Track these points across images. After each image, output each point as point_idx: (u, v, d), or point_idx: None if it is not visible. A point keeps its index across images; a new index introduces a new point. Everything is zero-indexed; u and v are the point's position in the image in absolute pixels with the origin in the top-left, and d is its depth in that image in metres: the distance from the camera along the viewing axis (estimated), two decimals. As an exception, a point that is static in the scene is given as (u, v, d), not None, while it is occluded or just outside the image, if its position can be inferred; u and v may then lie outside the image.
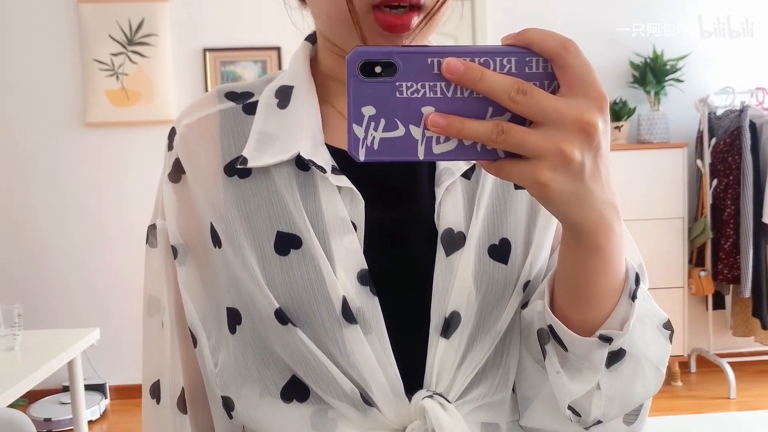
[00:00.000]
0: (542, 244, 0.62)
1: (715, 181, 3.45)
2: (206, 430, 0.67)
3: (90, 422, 3.26)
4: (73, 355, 2.15)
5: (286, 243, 0.58)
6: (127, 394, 3.59)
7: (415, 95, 0.43)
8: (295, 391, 0.59)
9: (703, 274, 3.41)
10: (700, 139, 3.53)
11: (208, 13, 3.52)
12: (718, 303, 3.60)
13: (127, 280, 3.49)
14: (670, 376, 3.54)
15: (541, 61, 0.43)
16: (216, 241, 0.61)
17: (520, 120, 0.43)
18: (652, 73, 3.50)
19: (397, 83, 0.43)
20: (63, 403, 3.29)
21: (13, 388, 1.79)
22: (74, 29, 3.47)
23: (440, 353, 0.58)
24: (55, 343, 2.16)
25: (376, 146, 0.43)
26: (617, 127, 3.53)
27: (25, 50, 3.47)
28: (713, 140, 3.45)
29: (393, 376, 0.57)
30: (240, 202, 0.60)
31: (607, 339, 0.52)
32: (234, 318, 0.61)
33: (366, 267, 0.58)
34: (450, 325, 0.58)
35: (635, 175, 3.40)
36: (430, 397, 0.57)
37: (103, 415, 3.44)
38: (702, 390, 3.45)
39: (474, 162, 0.62)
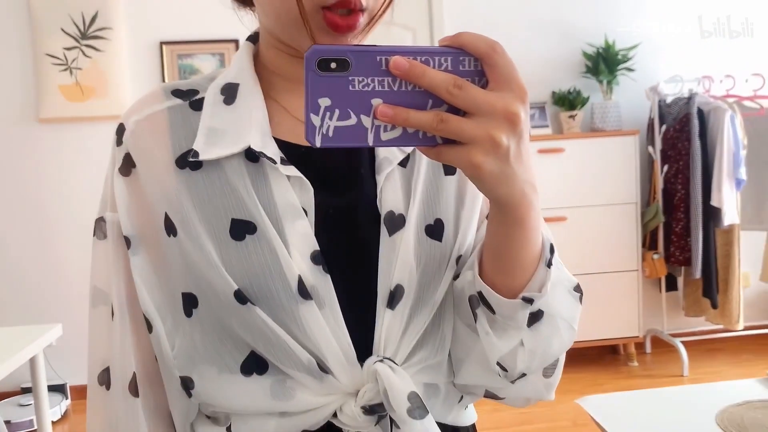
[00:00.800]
0: (470, 222, 0.70)
1: (666, 167, 3.56)
2: (158, 412, 0.70)
3: (52, 423, 3.21)
4: (35, 351, 2.11)
5: (242, 229, 0.63)
6: (88, 393, 3.54)
7: (366, 89, 0.48)
8: (255, 364, 0.64)
9: (656, 257, 3.53)
10: (651, 126, 3.65)
11: (163, 6, 3.48)
12: (671, 285, 3.73)
13: (85, 276, 3.44)
14: (626, 357, 3.66)
15: (472, 60, 0.50)
16: (170, 230, 0.65)
17: (455, 111, 0.49)
18: (605, 63, 3.60)
19: (350, 78, 0.48)
20: (22, 405, 3.23)
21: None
22: (25, 23, 3.39)
23: (387, 323, 0.64)
24: (16, 340, 2.12)
25: (330, 134, 0.48)
26: (572, 116, 3.62)
27: (-26, 45, 3.38)
28: (663, 127, 3.56)
29: (346, 346, 0.63)
30: (193, 192, 0.64)
31: (528, 300, 0.60)
32: (190, 302, 0.65)
33: (318, 248, 0.63)
34: (395, 297, 0.64)
35: (589, 162, 3.49)
36: (381, 361, 0.63)
37: (64, 416, 3.39)
38: (657, 369, 3.57)
39: (408, 153, 0.69)
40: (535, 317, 0.62)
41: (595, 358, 3.68)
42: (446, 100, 0.48)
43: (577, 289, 0.67)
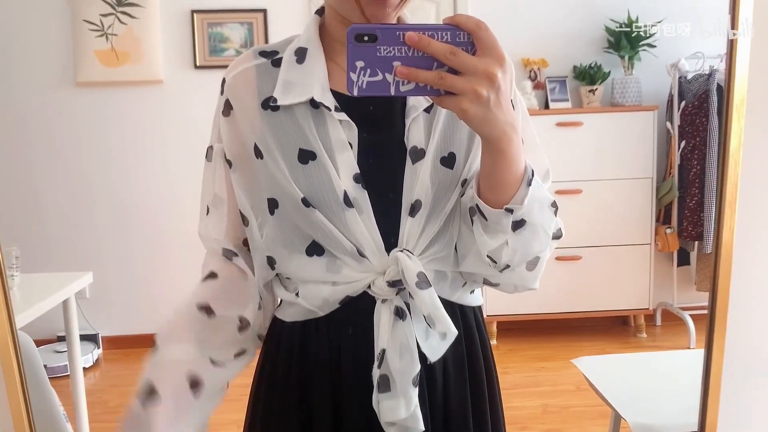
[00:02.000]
0: (476, 155, 0.89)
1: (683, 143, 3.59)
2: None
3: (84, 369, 3.42)
4: (66, 295, 2.29)
5: (306, 156, 0.86)
6: (119, 344, 3.75)
7: (389, 54, 0.68)
8: (315, 249, 0.89)
9: (669, 231, 3.58)
10: (670, 102, 3.67)
11: (195, -25, 3.60)
12: (683, 259, 3.77)
13: (117, 232, 3.64)
14: (636, 329, 3.73)
15: (465, 35, 0.68)
16: (258, 154, 0.89)
17: (453, 71, 0.68)
18: (626, 39, 3.62)
19: (378, 47, 0.68)
20: (58, 352, 3.44)
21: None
22: (64, -11, 3.54)
23: (408, 226, 0.87)
24: (51, 285, 2.30)
25: (364, 86, 0.68)
26: (592, 91, 3.66)
27: (14, 11, 3.55)
28: (683, 103, 3.59)
29: (377, 240, 0.87)
30: (273, 128, 0.88)
31: (510, 210, 0.79)
32: (273, 204, 0.89)
33: (358, 171, 0.87)
34: (414, 208, 0.87)
35: (607, 137, 3.54)
36: (401, 251, 0.86)
37: (96, 364, 3.60)
38: (665, 341, 3.65)
39: (431, 102, 0.89)
40: (519, 224, 0.80)
41: (605, 329, 3.76)
42: (445, 62, 0.67)
43: (554, 205, 0.85)
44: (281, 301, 0.96)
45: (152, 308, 3.57)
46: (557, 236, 0.89)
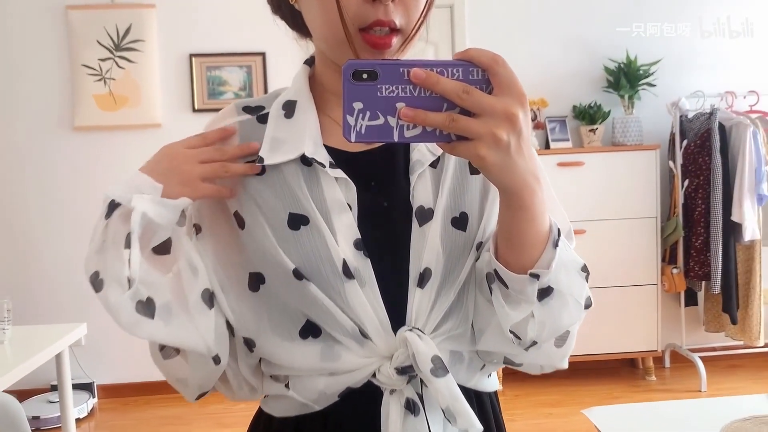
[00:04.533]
0: (491, 214, 0.80)
1: (686, 182, 3.56)
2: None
3: (78, 420, 3.32)
4: (60, 348, 2.21)
5: (297, 221, 0.75)
6: (115, 392, 3.65)
7: (391, 94, 0.59)
8: (310, 330, 0.76)
9: (675, 271, 3.52)
10: (672, 141, 3.65)
11: (194, 19, 3.61)
12: (691, 300, 3.71)
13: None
14: (644, 371, 3.65)
15: (479, 71, 0.60)
16: (240, 223, 0.77)
17: (466, 113, 0.59)
18: (626, 78, 3.62)
19: (378, 86, 0.58)
20: (51, 402, 3.35)
21: (3, 378, 1.86)
22: (63, 35, 3.55)
23: (417, 299, 0.76)
24: (44, 338, 2.23)
25: (363, 131, 0.59)
26: (592, 130, 3.64)
27: (15, 55, 3.54)
28: (684, 142, 3.57)
29: (383, 317, 0.75)
30: (258, 191, 0.77)
31: (536, 275, 0.68)
32: (257, 280, 0.77)
33: (359, 236, 0.76)
34: (424, 278, 0.76)
35: (610, 177, 3.51)
36: (411, 330, 0.74)
37: (91, 413, 3.50)
38: (675, 384, 3.56)
39: (438, 155, 0.80)
40: (546, 293, 0.70)
41: (613, 372, 3.68)
42: (457, 103, 0.58)
43: (584, 269, 0.75)
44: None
45: (149, 356, 3.48)
46: (587, 305, 0.77)
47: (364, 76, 0.58)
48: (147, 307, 0.71)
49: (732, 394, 3.29)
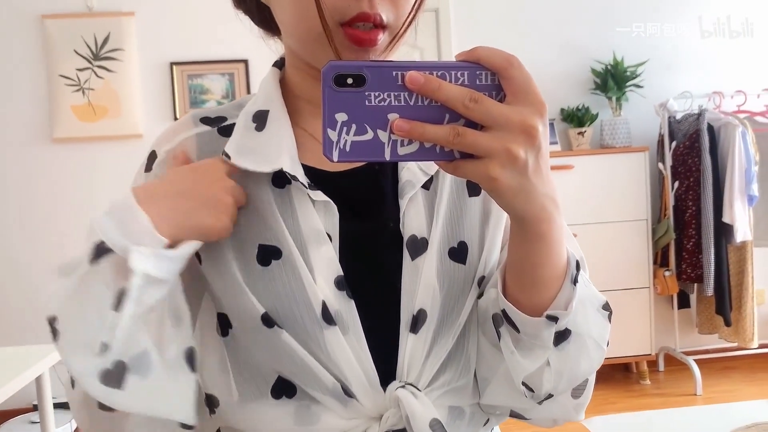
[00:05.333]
0: (494, 243, 0.69)
1: (676, 183, 3.54)
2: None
3: (61, 440, 3.22)
4: (41, 370, 2.13)
5: (268, 255, 0.63)
6: (99, 411, 3.55)
7: (382, 103, 0.48)
8: (283, 388, 0.63)
9: (667, 273, 3.49)
10: (661, 142, 3.62)
11: (174, 27, 3.53)
12: (684, 302, 3.68)
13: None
14: (638, 375, 3.61)
15: (489, 74, 0.50)
16: (199, 257, 0.64)
17: (472, 125, 0.49)
18: (613, 80, 3.59)
19: (366, 93, 0.48)
20: (33, 422, 3.25)
21: (-20, 404, 1.78)
22: (39, 45, 3.45)
23: (410, 347, 0.64)
24: (24, 360, 2.14)
25: (348, 148, 0.48)
26: (580, 133, 3.61)
27: (-11, 67, 3.45)
28: (673, 143, 3.54)
29: (369, 370, 0.63)
30: None
31: (553, 318, 0.58)
32: (225, 323, 0.65)
33: (342, 273, 0.63)
34: (418, 321, 0.64)
35: (599, 179, 3.47)
36: (403, 387, 0.63)
37: (75, 433, 3.40)
38: (670, 387, 3.52)
39: (432, 175, 0.68)
40: (562, 336, 0.60)
41: (607, 376, 3.64)
42: (462, 113, 0.48)
43: (606, 307, 0.66)
44: None
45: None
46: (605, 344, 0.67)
47: (349, 80, 0.48)
48: (115, 374, 0.55)
49: (727, 397, 3.26)
